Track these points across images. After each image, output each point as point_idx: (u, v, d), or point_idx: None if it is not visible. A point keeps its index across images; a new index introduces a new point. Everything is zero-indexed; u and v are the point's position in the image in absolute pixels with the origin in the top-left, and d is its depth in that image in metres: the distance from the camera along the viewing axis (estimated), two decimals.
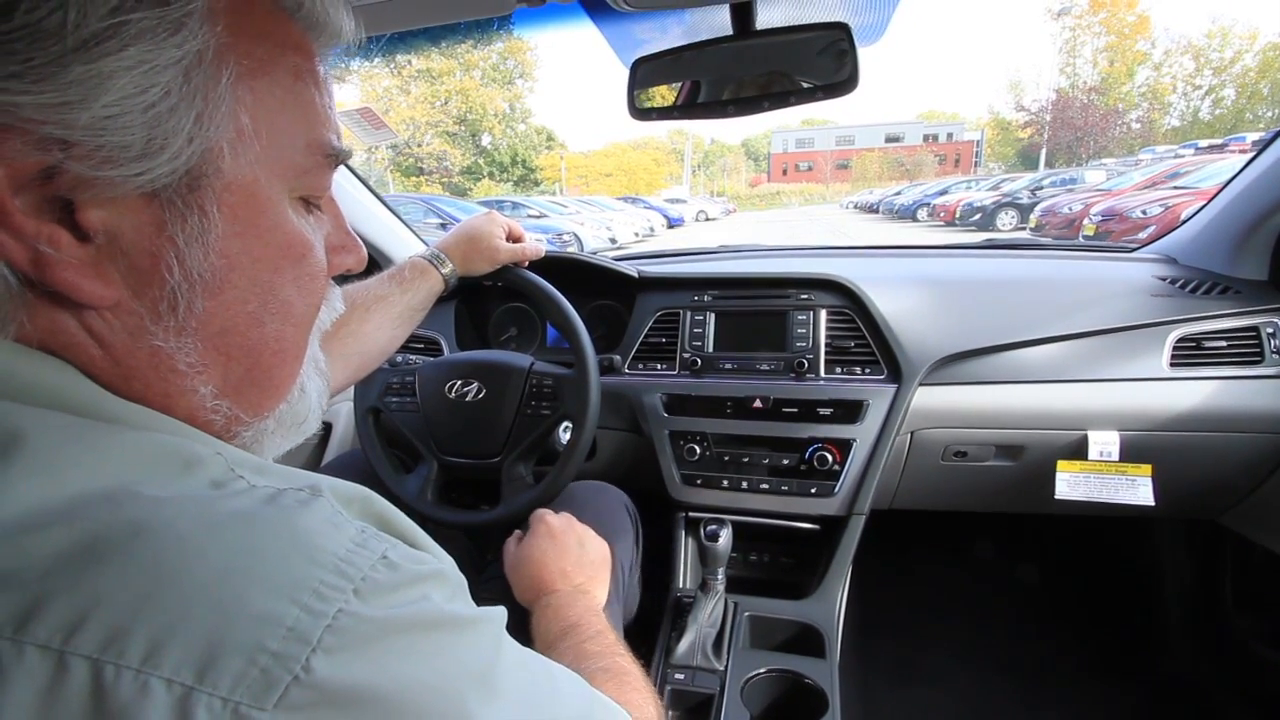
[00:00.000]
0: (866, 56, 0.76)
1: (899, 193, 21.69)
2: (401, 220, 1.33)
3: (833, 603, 0.96)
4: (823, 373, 1.08)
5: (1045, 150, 32.74)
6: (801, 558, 1.10)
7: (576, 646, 0.60)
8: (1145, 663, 1.34)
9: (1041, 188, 12.72)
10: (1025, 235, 9.91)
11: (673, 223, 18.24)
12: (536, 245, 0.96)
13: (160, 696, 0.22)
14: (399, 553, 0.30)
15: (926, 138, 48.39)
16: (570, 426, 0.92)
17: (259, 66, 0.32)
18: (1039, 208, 9.74)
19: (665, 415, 1.09)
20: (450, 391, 0.96)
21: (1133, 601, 1.45)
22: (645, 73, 0.83)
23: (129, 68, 0.28)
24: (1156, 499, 0.99)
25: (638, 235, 13.99)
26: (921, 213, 16.65)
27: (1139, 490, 1.00)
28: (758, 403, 1.06)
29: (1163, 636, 1.37)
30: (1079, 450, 1.01)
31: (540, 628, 0.65)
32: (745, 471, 1.05)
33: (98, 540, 0.24)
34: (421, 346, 1.25)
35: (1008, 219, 12.60)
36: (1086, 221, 7.32)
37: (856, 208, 25.50)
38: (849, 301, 1.10)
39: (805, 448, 1.02)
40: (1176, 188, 7.36)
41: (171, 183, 0.30)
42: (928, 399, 1.04)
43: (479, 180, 33.88)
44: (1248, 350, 1.00)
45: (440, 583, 0.31)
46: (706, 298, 1.16)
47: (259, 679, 0.23)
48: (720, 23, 0.79)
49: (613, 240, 11.94)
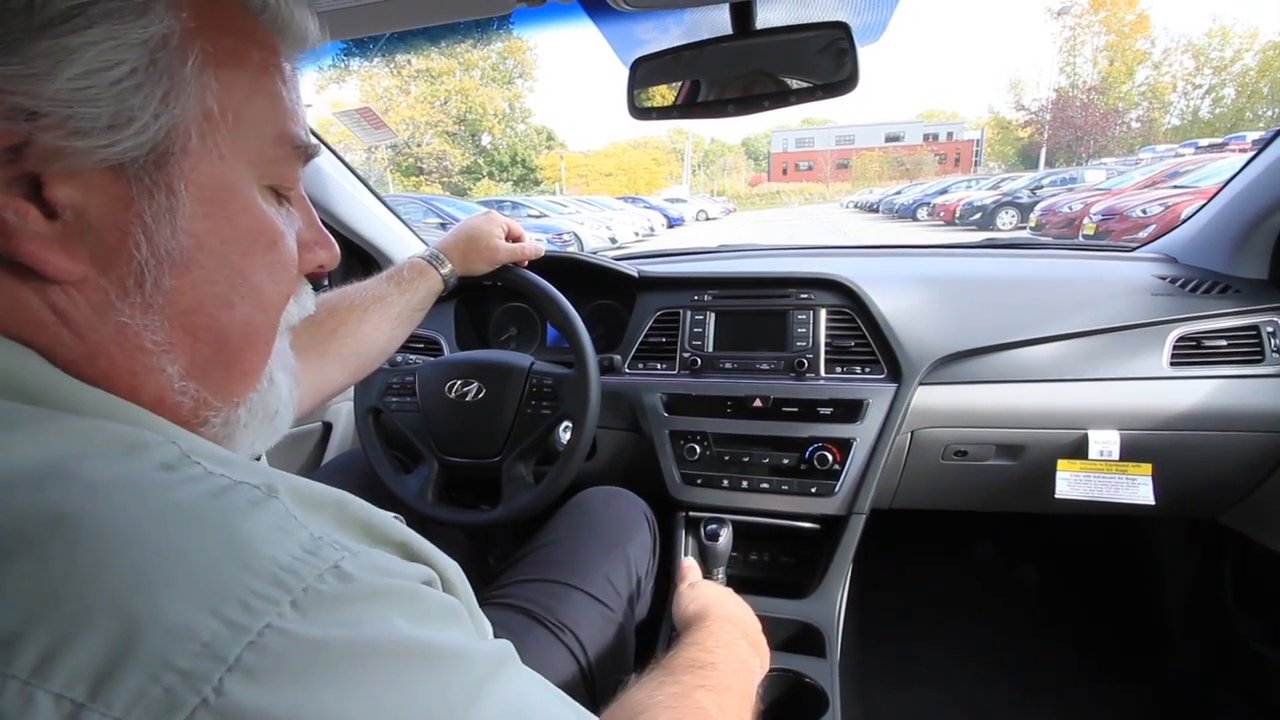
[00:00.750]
0: (866, 55, 0.76)
1: (899, 192, 21.70)
2: (401, 220, 1.33)
3: (833, 602, 0.96)
4: (823, 372, 1.08)
5: (1045, 149, 32.75)
6: (802, 557, 1.10)
7: (696, 687, 0.53)
8: (1145, 661, 1.34)
9: (1041, 187, 12.72)
10: (1025, 234, 9.91)
11: (673, 222, 18.23)
12: (536, 245, 0.96)
13: (46, 712, 0.20)
14: (361, 562, 0.27)
15: (926, 137, 48.38)
16: (570, 426, 0.92)
17: (225, 56, 0.33)
18: (1039, 207, 9.75)
19: (665, 415, 1.09)
20: (450, 391, 0.96)
21: (1133, 600, 1.45)
22: (645, 72, 0.83)
23: (95, 43, 0.28)
24: (1157, 498, 0.99)
25: (638, 235, 13.99)
26: (921, 212, 16.66)
27: (1139, 489, 1.00)
28: (758, 402, 1.06)
29: (1163, 635, 1.37)
30: (1079, 449, 1.01)
31: (688, 642, 0.60)
32: (745, 471, 1.05)
33: (7, 531, 0.23)
34: (421, 346, 1.25)
35: (1008, 218, 12.60)
36: (1086, 221, 7.33)
37: (856, 207, 25.50)
38: (849, 301, 1.10)
39: (805, 447, 1.02)
40: (1176, 187, 7.36)
41: (138, 157, 0.30)
42: (928, 398, 1.04)
43: (479, 180, 33.89)
44: (1248, 349, 1.00)
45: (410, 602, 0.28)
46: (706, 297, 1.16)
47: (160, 700, 0.21)
48: (720, 22, 0.79)
49: (613, 240, 11.93)
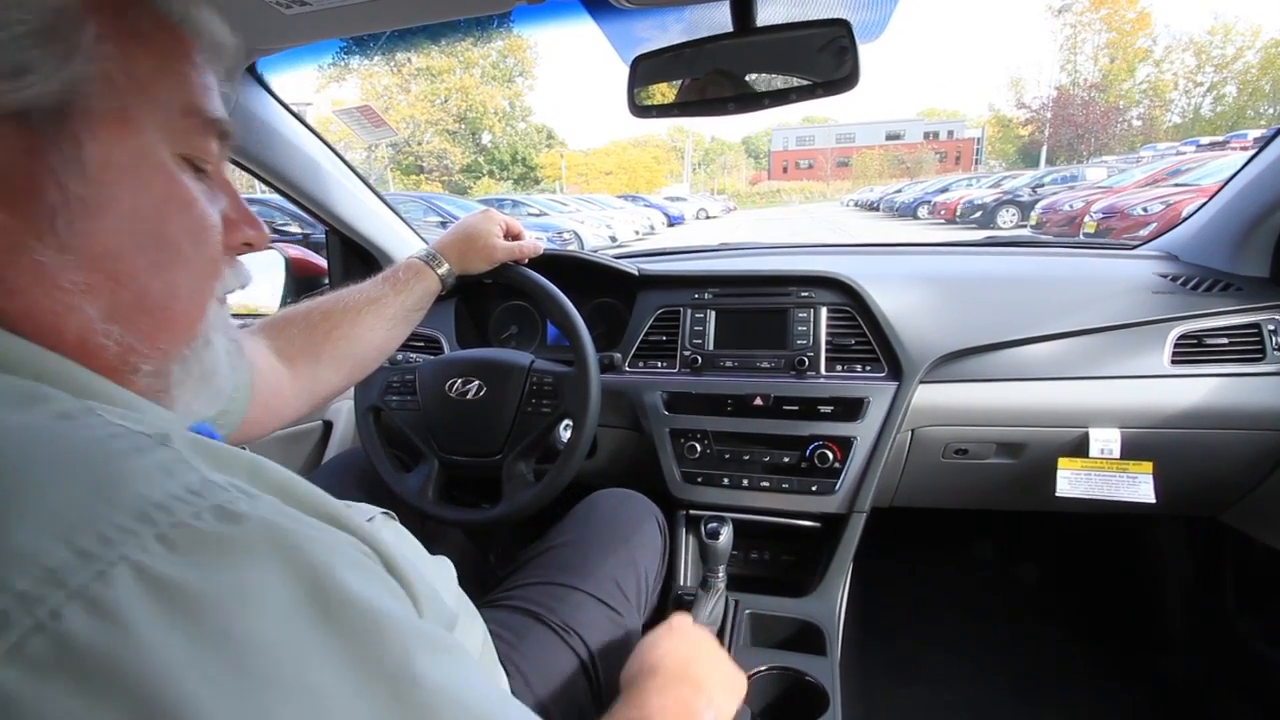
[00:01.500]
0: (867, 53, 0.76)
1: (900, 190, 21.69)
2: (402, 219, 1.33)
3: (833, 600, 0.96)
4: (823, 370, 1.07)
5: (1046, 147, 32.70)
6: (802, 555, 1.10)
7: None
8: (1146, 660, 1.34)
9: (1042, 185, 12.70)
10: (1026, 233, 9.89)
11: (673, 220, 18.22)
12: (535, 243, 0.96)
13: None
14: (259, 504, 0.26)
15: (927, 135, 48.33)
16: (571, 424, 0.92)
17: (127, 33, 0.35)
18: (1040, 205, 9.74)
19: (666, 413, 1.09)
20: (451, 390, 0.96)
21: (1133, 599, 1.45)
22: (646, 70, 0.83)
23: None
24: (1157, 496, 0.99)
25: (638, 233, 13.98)
26: (922, 210, 16.64)
27: (1140, 487, 1.00)
28: (758, 400, 1.06)
29: (1163, 634, 1.37)
30: (1080, 448, 1.01)
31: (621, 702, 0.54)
32: (746, 469, 1.05)
33: None
34: (422, 345, 1.25)
35: (1009, 216, 12.59)
36: (1087, 219, 7.32)
37: (857, 205, 25.48)
38: (850, 299, 1.10)
39: (806, 445, 1.02)
40: (1178, 185, 7.35)
41: (41, 108, 0.32)
42: (928, 396, 1.03)
43: (479, 178, 33.87)
44: (1249, 347, 0.99)
45: (319, 549, 0.26)
46: (707, 296, 1.16)
47: None
48: (720, 19, 0.78)
49: (613, 238, 11.93)
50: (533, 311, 1.33)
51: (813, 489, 1.01)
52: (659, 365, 1.16)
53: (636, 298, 1.21)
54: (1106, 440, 0.99)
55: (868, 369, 1.06)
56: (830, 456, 1.00)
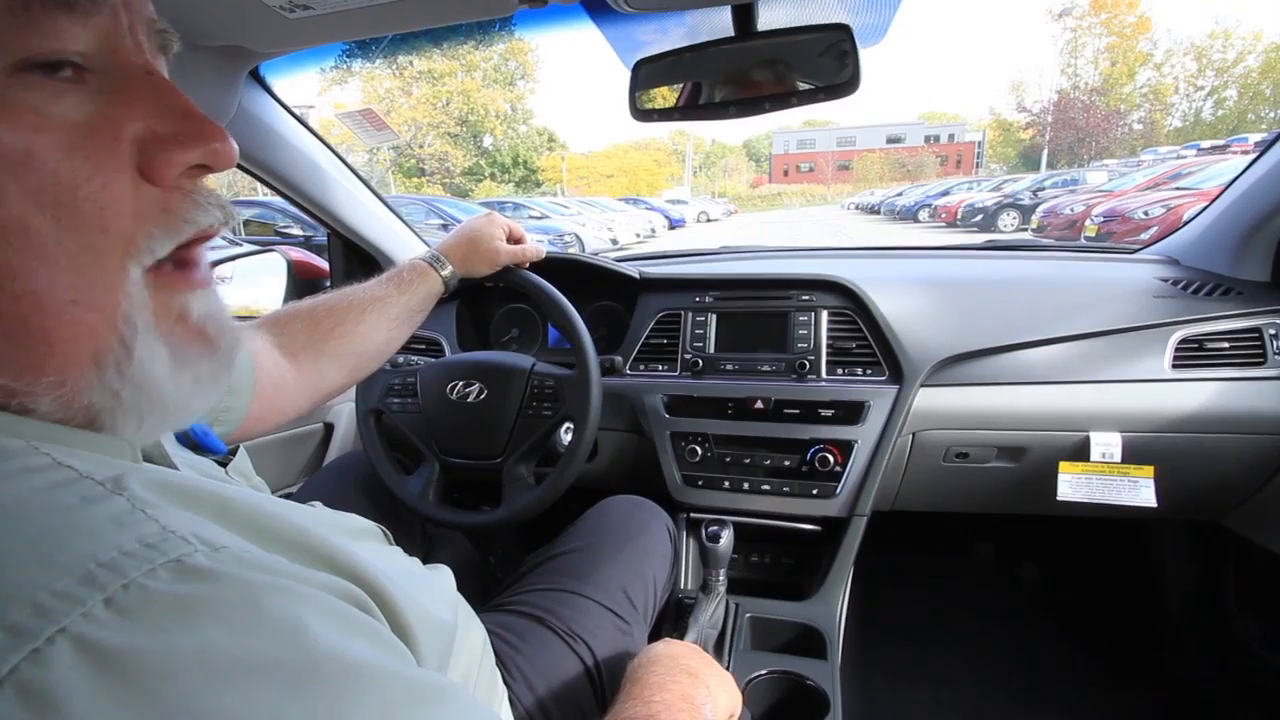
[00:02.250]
0: (867, 57, 0.76)
1: (900, 194, 21.70)
2: (404, 221, 1.34)
3: (834, 604, 0.96)
4: (824, 374, 1.08)
5: (1047, 151, 32.73)
6: (803, 559, 1.10)
7: None
8: (1147, 665, 1.33)
9: (1043, 189, 12.71)
10: (1027, 236, 9.91)
11: (674, 224, 18.25)
12: (537, 246, 0.96)
13: None
14: (222, 556, 0.23)
15: (928, 139, 48.37)
16: (572, 427, 0.92)
17: None
18: (1041, 209, 9.74)
19: (666, 416, 1.09)
20: (452, 392, 0.96)
21: (1135, 602, 1.44)
22: (647, 74, 0.83)
23: None
24: (1159, 500, 0.98)
25: (639, 236, 14.00)
26: (923, 214, 16.65)
27: (1141, 492, 0.99)
28: (759, 404, 1.06)
29: (1165, 638, 1.37)
30: (1081, 452, 1.01)
31: (622, 697, 0.54)
32: (746, 472, 1.05)
33: None
34: (423, 347, 1.25)
35: (1009, 220, 12.59)
36: (1088, 222, 7.32)
37: (858, 209, 25.49)
38: (850, 302, 1.10)
39: (807, 449, 1.02)
40: (1179, 189, 7.35)
41: None
42: (929, 400, 1.03)
43: (480, 181, 33.92)
44: (1250, 351, 0.99)
45: (293, 600, 0.23)
46: (708, 299, 1.16)
47: None
48: (722, 24, 0.79)
49: (614, 241, 11.95)
50: (534, 314, 1.33)
51: (813, 492, 1.01)
52: (660, 368, 1.16)
53: (638, 301, 1.21)
54: (1107, 444, 0.99)
55: (868, 372, 1.06)
56: (831, 460, 1.00)
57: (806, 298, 1.12)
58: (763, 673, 0.85)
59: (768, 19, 0.77)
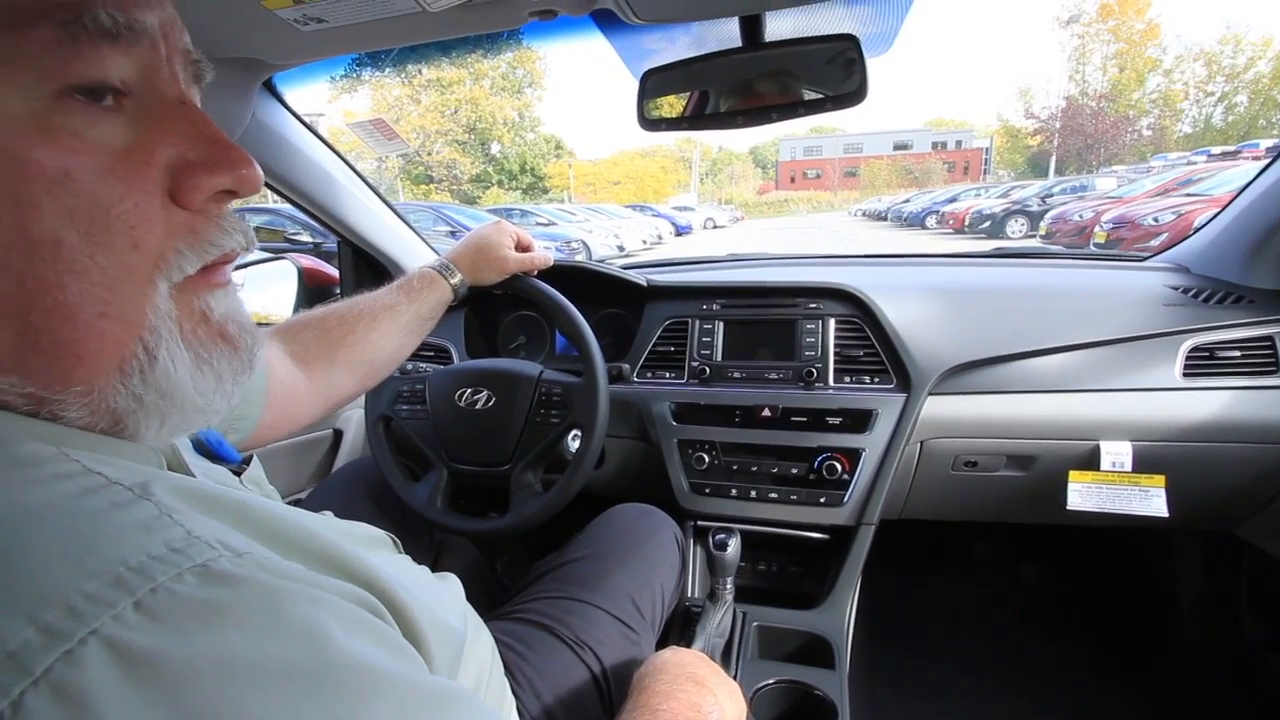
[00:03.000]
0: (874, 65, 0.76)
1: (907, 200, 21.67)
2: (412, 229, 1.35)
3: (842, 613, 0.95)
4: (831, 382, 1.07)
5: (1055, 157, 32.58)
6: (810, 568, 1.10)
7: None
8: (1158, 675, 1.32)
9: (1052, 195, 12.65)
10: (1035, 243, 9.86)
11: (681, 230, 18.29)
12: (545, 254, 0.97)
13: None
14: (245, 562, 0.24)
15: (935, 145, 48.31)
16: (579, 435, 0.92)
17: None
18: (1049, 215, 9.70)
19: (674, 424, 1.09)
20: (460, 399, 0.97)
21: (1146, 613, 1.43)
22: (655, 84, 0.84)
23: None
24: (1170, 510, 0.98)
25: (646, 243, 14.03)
26: (930, 220, 16.62)
27: (1152, 501, 0.99)
28: (766, 412, 1.06)
29: (1177, 650, 1.35)
30: (1091, 461, 1.00)
31: (629, 706, 0.55)
32: (754, 480, 1.04)
33: None
34: (431, 354, 1.25)
35: (1017, 226, 12.54)
36: (1098, 229, 7.28)
37: (865, 215, 25.46)
38: (858, 311, 1.10)
39: (814, 457, 1.02)
40: (1189, 195, 7.31)
41: None
42: (937, 408, 1.03)
43: (488, 188, 34.11)
44: (1262, 360, 0.99)
45: (312, 605, 0.24)
46: (715, 306, 1.17)
47: None
48: (729, 33, 0.79)
49: (621, 248, 11.98)
50: (541, 322, 1.33)
51: (821, 500, 1.01)
52: (667, 376, 1.16)
53: (645, 308, 1.22)
54: (1118, 453, 0.99)
55: (876, 381, 1.06)
56: (839, 468, 1.00)
57: (814, 306, 1.12)
58: (770, 682, 0.84)
59: (775, 29, 0.77)
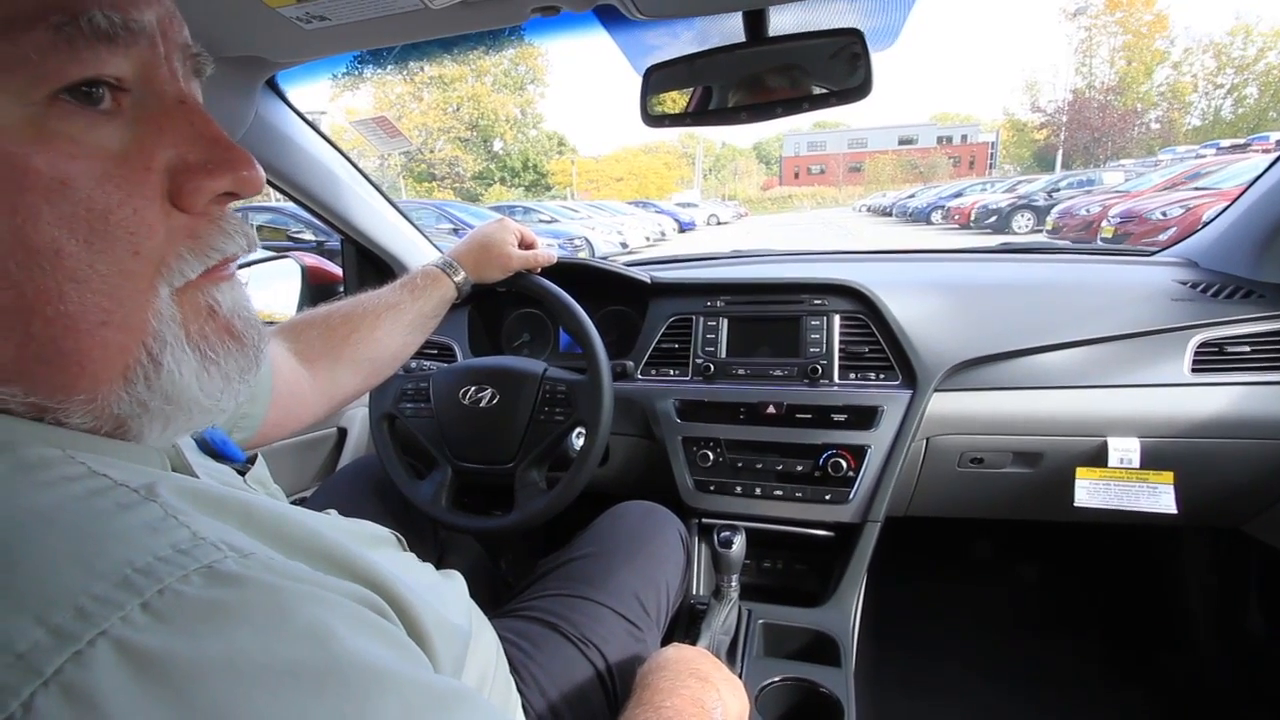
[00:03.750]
0: (879, 59, 0.76)
1: (913, 195, 21.57)
2: (415, 227, 1.35)
3: (848, 611, 0.95)
4: (837, 378, 1.07)
5: (1062, 151, 32.37)
6: (816, 565, 1.10)
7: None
8: (1166, 673, 1.31)
9: (1058, 189, 12.57)
10: (1042, 238, 9.81)
11: (684, 226, 18.26)
12: (549, 252, 0.97)
13: None
14: (250, 563, 0.24)
15: (940, 140, 48.01)
16: (583, 432, 0.92)
17: None
18: (1056, 209, 9.64)
19: (678, 421, 1.09)
20: (464, 397, 0.97)
21: (1154, 610, 1.42)
22: (658, 80, 0.83)
23: None
24: (1179, 507, 0.97)
25: (649, 239, 14.00)
26: (936, 215, 16.53)
27: (1160, 498, 0.98)
28: (771, 408, 1.05)
29: (1188, 648, 1.34)
30: (1098, 457, 0.99)
31: (633, 703, 0.55)
32: (759, 477, 1.04)
33: None
34: (435, 353, 1.26)
35: (1024, 221, 12.47)
36: (1105, 223, 7.22)
37: (869, 210, 25.37)
38: (863, 307, 1.09)
39: (819, 454, 1.01)
40: (1198, 189, 7.24)
41: None
42: (943, 405, 1.03)
43: (490, 185, 34.11)
44: (1272, 355, 0.98)
45: (317, 606, 0.24)
46: (719, 303, 1.16)
47: None
48: (733, 28, 0.79)
49: (624, 244, 11.97)
50: (545, 319, 1.33)
51: (826, 498, 1.01)
52: (671, 373, 1.16)
53: (649, 305, 1.21)
54: (1125, 450, 0.98)
55: (881, 377, 1.06)
56: (844, 465, 0.99)
57: (819, 302, 1.11)
58: (776, 679, 0.84)
59: (779, 24, 0.77)
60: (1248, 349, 0.98)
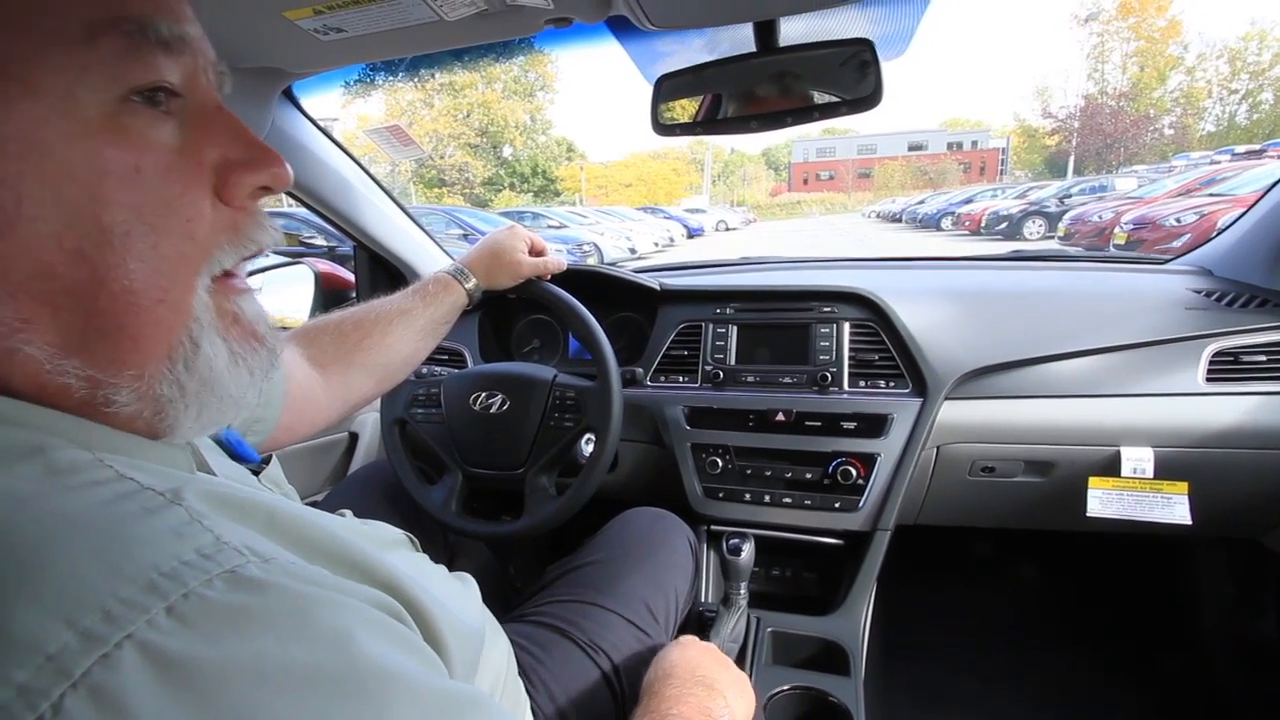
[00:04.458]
0: (889, 67, 0.76)
1: (922, 201, 21.47)
2: (428, 234, 1.36)
3: (857, 620, 0.95)
4: (846, 386, 1.07)
5: (1074, 157, 32.10)
6: (825, 573, 1.09)
7: None
8: (1182, 686, 1.29)
9: (1070, 196, 12.46)
10: (1054, 244, 9.72)
11: (692, 233, 18.27)
12: (559, 259, 0.98)
13: None
14: (272, 568, 0.24)
15: (950, 146, 47.85)
16: (593, 438, 0.92)
17: None
18: (1068, 216, 9.56)
19: (687, 428, 1.09)
20: (475, 403, 0.97)
21: (1169, 623, 1.40)
22: (669, 89, 0.84)
23: None
24: (1193, 518, 0.96)
25: (657, 245, 14.03)
26: (946, 222, 16.45)
27: (1175, 508, 0.97)
28: (780, 416, 1.05)
29: (1204, 661, 1.32)
30: (1111, 467, 0.99)
31: (639, 712, 0.56)
32: (768, 485, 1.04)
33: None
34: (446, 358, 1.26)
35: (1035, 228, 12.38)
36: (1118, 230, 7.15)
37: (879, 217, 25.27)
38: (873, 314, 1.09)
39: (828, 461, 1.01)
40: (1213, 195, 7.16)
41: None
42: (954, 413, 1.02)
43: (500, 191, 34.33)
44: None
45: (337, 611, 0.25)
46: (729, 310, 1.16)
47: None
48: (744, 36, 0.79)
49: (632, 250, 11.99)
50: (555, 325, 1.34)
51: (836, 506, 1.00)
52: (680, 380, 1.16)
53: (658, 312, 1.22)
54: (1139, 459, 0.97)
55: (891, 385, 1.05)
56: (853, 473, 0.99)
57: (828, 309, 1.11)
58: (785, 688, 0.84)
59: (789, 32, 0.77)
60: (1264, 358, 0.97)
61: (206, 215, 0.33)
